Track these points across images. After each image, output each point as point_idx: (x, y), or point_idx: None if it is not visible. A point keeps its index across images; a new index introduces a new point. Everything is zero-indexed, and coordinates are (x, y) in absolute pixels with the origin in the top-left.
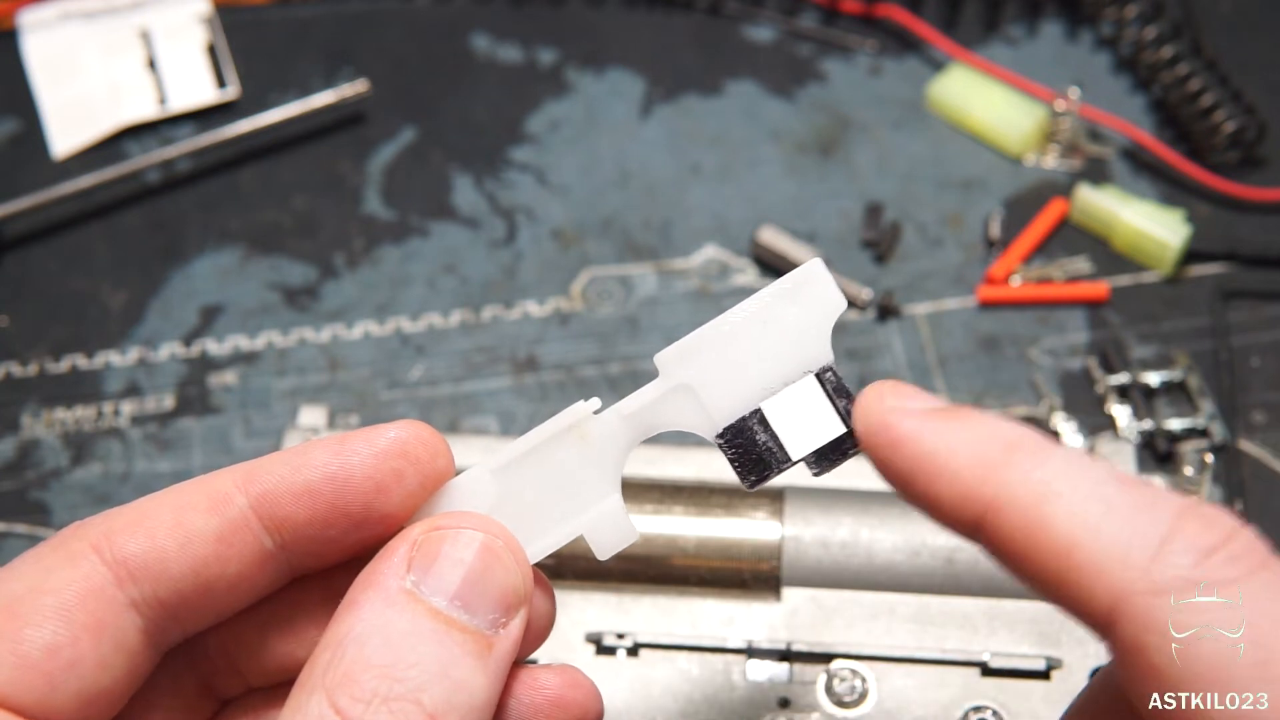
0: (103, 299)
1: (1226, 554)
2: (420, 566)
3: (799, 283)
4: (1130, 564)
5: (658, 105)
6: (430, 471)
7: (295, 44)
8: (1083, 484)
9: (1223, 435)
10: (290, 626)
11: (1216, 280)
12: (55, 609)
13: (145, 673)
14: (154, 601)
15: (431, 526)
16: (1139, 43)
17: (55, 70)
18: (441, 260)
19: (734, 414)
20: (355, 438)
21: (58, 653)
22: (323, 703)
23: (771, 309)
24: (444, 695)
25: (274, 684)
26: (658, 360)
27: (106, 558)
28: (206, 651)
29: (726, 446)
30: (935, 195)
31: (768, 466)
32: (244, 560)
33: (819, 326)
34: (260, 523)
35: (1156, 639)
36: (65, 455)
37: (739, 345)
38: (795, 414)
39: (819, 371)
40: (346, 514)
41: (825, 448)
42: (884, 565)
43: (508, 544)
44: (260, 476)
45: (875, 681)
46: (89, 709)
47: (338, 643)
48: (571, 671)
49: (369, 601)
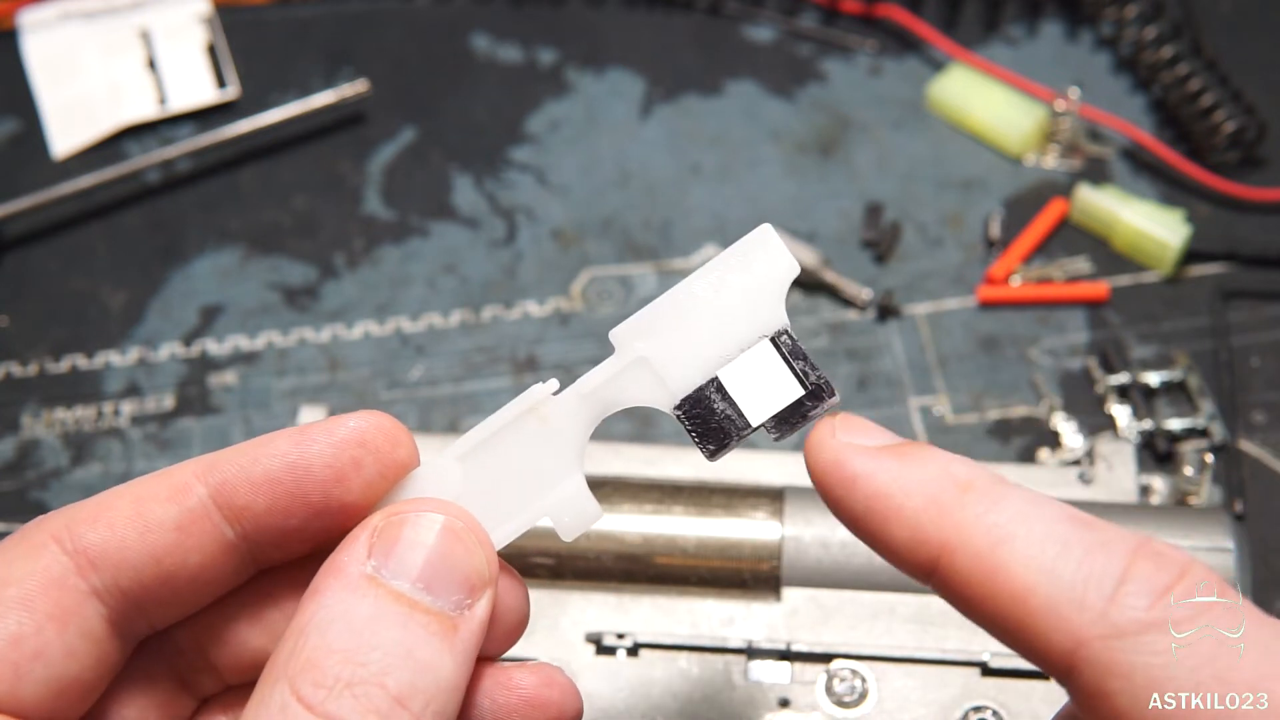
0: (103, 299)
1: (1182, 590)
2: (381, 551)
3: (750, 249)
4: (1087, 607)
5: (658, 105)
6: (390, 461)
7: (295, 44)
8: (1037, 525)
9: (1223, 435)
10: (260, 619)
11: (1216, 280)
12: (17, 599)
13: (115, 664)
14: (115, 590)
15: (392, 512)
16: (1139, 43)
17: (55, 70)
18: (441, 260)
19: (691, 384)
20: (315, 428)
21: (22, 642)
22: (285, 691)
23: (724, 277)
24: (409, 678)
25: (249, 681)
26: (612, 336)
27: (67, 547)
28: (179, 646)
29: (685, 418)
30: (935, 195)
31: (727, 435)
32: (205, 550)
33: (772, 291)
34: (220, 512)
35: (1117, 683)
36: (65, 455)
37: (693, 315)
38: (753, 380)
39: (774, 335)
40: (306, 503)
41: (784, 411)
42: (884, 565)
43: (469, 525)
44: (220, 466)
45: (875, 681)
46: (59, 699)
47: (300, 630)
48: (548, 670)
49: (330, 588)
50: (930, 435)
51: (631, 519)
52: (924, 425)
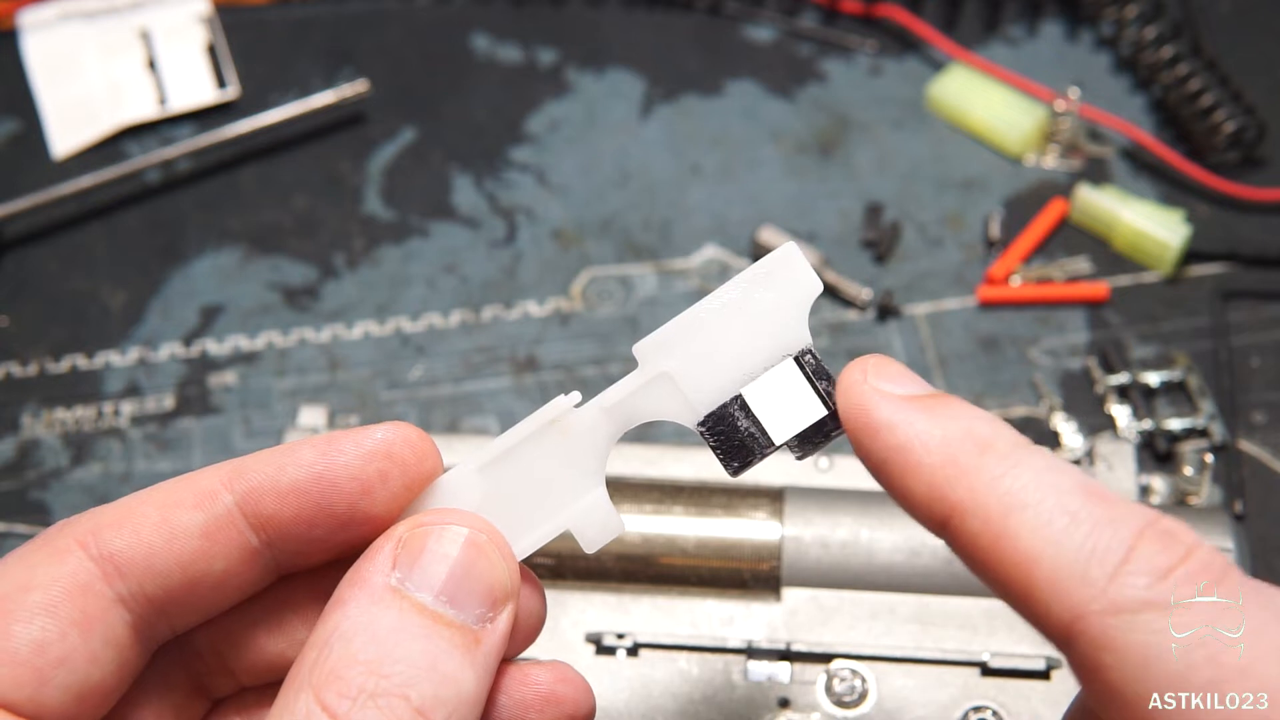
0: (103, 299)
1: (1184, 572)
2: (405, 563)
3: (774, 267)
4: (1089, 582)
5: (658, 105)
6: (416, 474)
7: (295, 44)
8: (1049, 495)
9: (1223, 435)
10: (279, 625)
11: (1216, 280)
12: (42, 605)
13: (136, 669)
14: (141, 597)
15: (416, 524)
16: (1139, 43)
17: (55, 70)
18: (441, 260)
19: (715, 401)
20: (342, 438)
21: (46, 648)
22: (310, 700)
23: (748, 295)
24: (431, 690)
25: (265, 683)
26: (636, 350)
27: (93, 553)
28: (197, 650)
29: (709, 434)
30: (935, 195)
31: (750, 452)
32: (230, 556)
33: (796, 310)
34: (246, 520)
35: (1110, 658)
36: (65, 455)
37: (717, 332)
38: (776, 398)
39: (798, 355)
40: (332, 514)
41: (807, 431)
42: (884, 565)
43: (492, 539)
44: (247, 474)
45: (875, 681)
46: (81, 705)
47: (324, 640)
48: (563, 667)
49: (355, 599)
50: None
51: (631, 519)
52: None
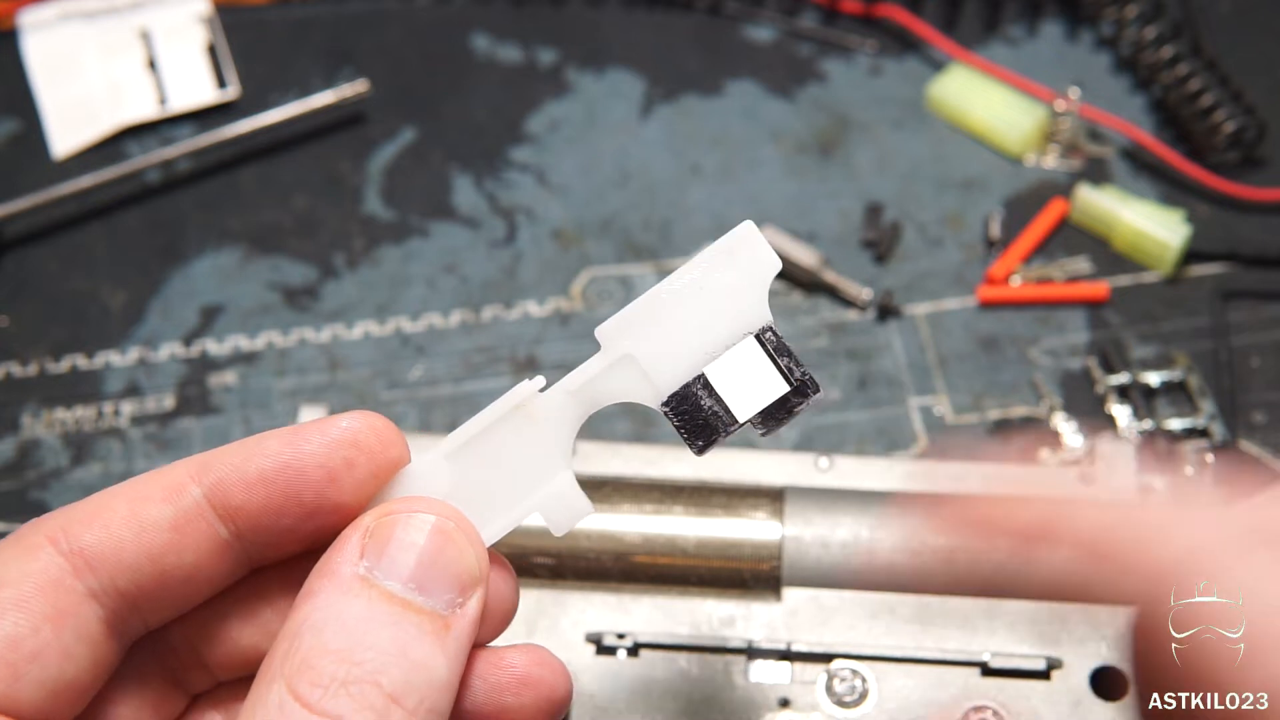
0: (103, 299)
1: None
2: (373, 552)
3: (733, 246)
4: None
5: (658, 105)
6: (383, 461)
7: (295, 44)
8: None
9: (1223, 435)
10: (253, 617)
11: (1216, 280)
12: (14, 601)
13: (111, 665)
14: (112, 591)
15: (383, 512)
16: (1139, 43)
17: (55, 70)
18: (441, 260)
19: (678, 381)
20: (309, 428)
21: (19, 644)
22: (282, 690)
23: (708, 274)
24: (403, 676)
25: (241, 677)
26: (598, 333)
27: (63, 549)
28: (172, 645)
29: (673, 414)
30: (935, 195)
31: (714, 430)
32: (200, 549)
33: (755, 288)
34: (215, 511)
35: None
36: (65, 455)
37: (678, 312)
38: (738, 376)
39: (759, 332)
40: (299, 503)
41: (770, 407)
42: (884, 565)
43: (460, 525)
44: (214, 466)
45: (875, 681)
46: (56, 700)
47: (295, 631)
48: (539, 650)
49: (324, 589)
50: (930, 435)
51: (631, 519)
52: (924, 425)
